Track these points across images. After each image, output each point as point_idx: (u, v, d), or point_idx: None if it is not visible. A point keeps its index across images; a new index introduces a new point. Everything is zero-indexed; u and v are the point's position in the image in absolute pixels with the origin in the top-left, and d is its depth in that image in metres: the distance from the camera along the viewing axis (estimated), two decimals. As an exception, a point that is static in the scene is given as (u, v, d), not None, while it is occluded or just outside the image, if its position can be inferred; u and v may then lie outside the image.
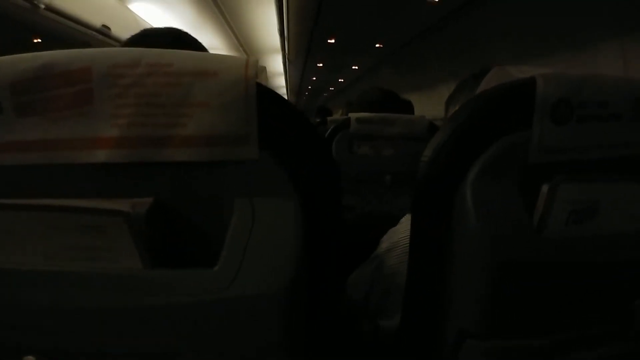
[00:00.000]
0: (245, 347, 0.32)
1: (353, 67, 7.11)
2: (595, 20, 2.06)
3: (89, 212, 0.32)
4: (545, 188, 0.39)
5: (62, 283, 0.33)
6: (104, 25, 4.12)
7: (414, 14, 3.32)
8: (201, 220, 0.35)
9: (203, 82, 0.32)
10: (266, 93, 0.33)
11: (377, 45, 4.81)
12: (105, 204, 0.32)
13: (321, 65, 7.23)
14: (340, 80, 9.54)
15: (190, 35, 0.66)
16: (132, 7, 5.08)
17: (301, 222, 0.33)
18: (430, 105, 5.11)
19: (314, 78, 9.57)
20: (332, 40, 4.80)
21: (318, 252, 0.35)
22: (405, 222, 0.80)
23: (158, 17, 5.60)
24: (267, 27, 6.82)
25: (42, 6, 3.41)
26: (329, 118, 2.01)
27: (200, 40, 0.66)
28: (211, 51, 0.65)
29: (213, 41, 7.12)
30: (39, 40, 3.99)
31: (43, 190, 0.35)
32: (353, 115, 1.40)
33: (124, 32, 4.35)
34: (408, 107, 2.21)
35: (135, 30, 0.66)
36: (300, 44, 5.53)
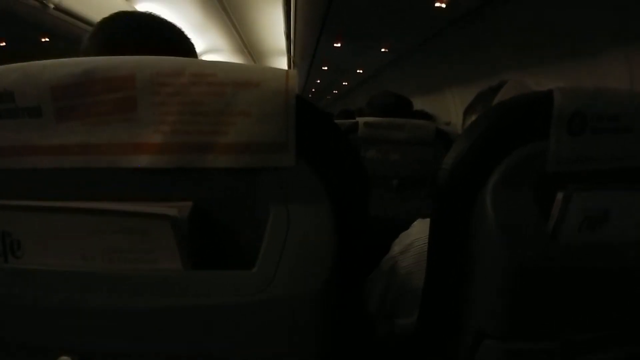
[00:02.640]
0: (279, 346, 0.34)
1: (358, 71, 7.12)
2: (601, 29, 2.07)
3: (135, 215, 0.33)
4: (560, 195, 0.41)
5: (99, 284, 0.33)
6: (111, 25, 4.13)
7: (420, 20, 3.34)
8: (237, 224, 0.37)
9: (245, 92, 0.33)
10: (303, 104, 0.35)
11: (383, 50, 4.83)
12: (149, 207, 0.33)
13: (326, 68, 7.25)
14: (344, 83, 9.55)
15: (168, 23, 0.62)
16: (139, 7, 5.12)
17: (333, 227, 0.34)
18: (434, 109, 5.12)
19: (318, 81, 9.58)
20: (339, 45, 4.81)
21: (347, 256, 0.36)
22: (417, 225, 0.82)
23: (164, 17, 5.60)
24: (272, 29, 6.83)
25: (52, 6, 3.44)
26: (337, 121, 2.02)
27: (205, 41, 0.63)
28: (215, 52, 0.64)
29: (218, 42, 7.13)
30: (47, 40, 4.01)
31: (80, 193, 0.36)
32: (361, 120, 1.42)
33: (131, 32, 4.35)
34: (423, 118, 2.21)
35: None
36: (307, 47, 5.54)
